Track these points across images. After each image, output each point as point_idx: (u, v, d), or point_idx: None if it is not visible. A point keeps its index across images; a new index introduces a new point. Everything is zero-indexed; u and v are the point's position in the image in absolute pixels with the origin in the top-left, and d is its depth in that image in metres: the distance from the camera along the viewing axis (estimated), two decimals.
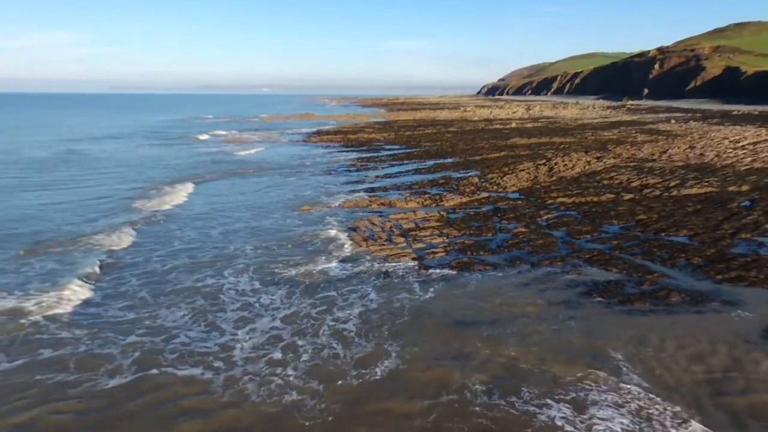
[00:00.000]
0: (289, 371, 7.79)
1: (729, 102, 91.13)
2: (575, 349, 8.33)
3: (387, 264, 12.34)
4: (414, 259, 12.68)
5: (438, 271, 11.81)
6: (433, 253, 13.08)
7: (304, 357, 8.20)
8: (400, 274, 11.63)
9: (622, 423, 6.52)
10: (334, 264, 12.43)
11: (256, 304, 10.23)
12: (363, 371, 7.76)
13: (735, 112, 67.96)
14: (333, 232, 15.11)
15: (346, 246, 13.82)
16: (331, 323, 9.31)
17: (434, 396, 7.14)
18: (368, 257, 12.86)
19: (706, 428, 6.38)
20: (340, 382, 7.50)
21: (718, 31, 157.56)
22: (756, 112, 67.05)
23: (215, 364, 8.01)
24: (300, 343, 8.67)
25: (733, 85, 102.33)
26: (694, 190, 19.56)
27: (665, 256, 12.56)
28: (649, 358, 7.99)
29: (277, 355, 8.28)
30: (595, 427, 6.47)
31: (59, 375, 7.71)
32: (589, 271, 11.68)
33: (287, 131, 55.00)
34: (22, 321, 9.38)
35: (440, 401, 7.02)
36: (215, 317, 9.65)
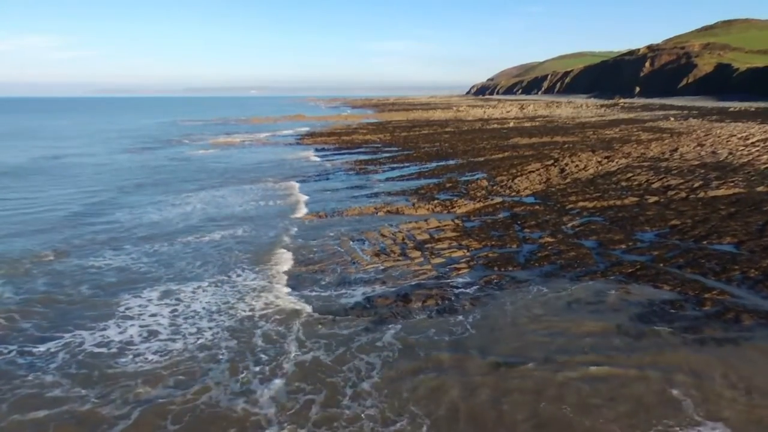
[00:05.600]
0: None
1: (722, 99, 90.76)
2: (645, 391, 6.87)
3: (405, 283, 10.82)
4: (435, 277, 11.16)
5: (466, 292, 10.28)
6: (456, 269, 11.54)
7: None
8: (423, 298, 10.05)
9: None
10: (344, 289, 10.83)
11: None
12: None
13: (732, 109, 67.26)
14: (339, 245, 13.55)
15: (357, 262, 12.27)
16: (351, 377, 7.52)
17: None
18: (383, 277, 11.30)
19: None
20: None
21: (706, 29, 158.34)
22: (752, 109, 66.39)
23: None
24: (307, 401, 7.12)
25: (725, 82, 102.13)
26: (721, 191, 18.27)
27: (717, 268, 11.16)
28: (744, 406, 6.56)
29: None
30: None
31: None
32: (637, 289, 10.23)
33: (278, 133, 53.26)
34: None
35: None
36: None
